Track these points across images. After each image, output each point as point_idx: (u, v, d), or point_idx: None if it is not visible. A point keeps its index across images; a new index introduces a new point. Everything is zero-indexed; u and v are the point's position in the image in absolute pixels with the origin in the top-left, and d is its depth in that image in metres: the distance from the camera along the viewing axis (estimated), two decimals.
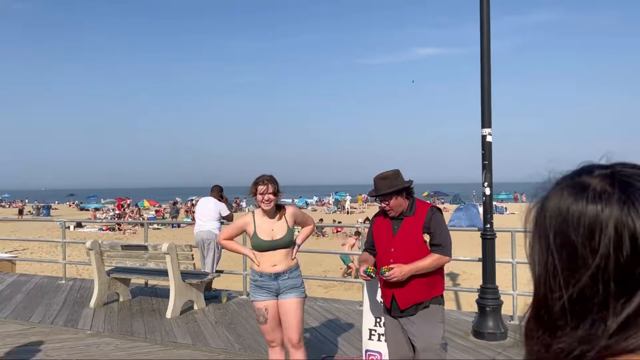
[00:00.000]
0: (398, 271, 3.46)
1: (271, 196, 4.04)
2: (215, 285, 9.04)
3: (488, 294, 6.07)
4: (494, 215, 6.32)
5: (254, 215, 4.21)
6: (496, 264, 6.19)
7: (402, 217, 3.66)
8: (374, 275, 3.58)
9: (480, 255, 6.31)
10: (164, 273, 7.78)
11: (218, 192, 8.52)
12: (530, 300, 0.80)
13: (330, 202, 52.90)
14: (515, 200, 59.64)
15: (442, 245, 3.56)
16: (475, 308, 7.67)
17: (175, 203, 48.36)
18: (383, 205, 3.65)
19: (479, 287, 6.23)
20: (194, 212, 39.41)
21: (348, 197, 50.14)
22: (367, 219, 17.18)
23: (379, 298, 4.32)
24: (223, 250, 8.45)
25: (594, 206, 0.70)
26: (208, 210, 8.26)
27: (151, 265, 7.83)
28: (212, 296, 8.29)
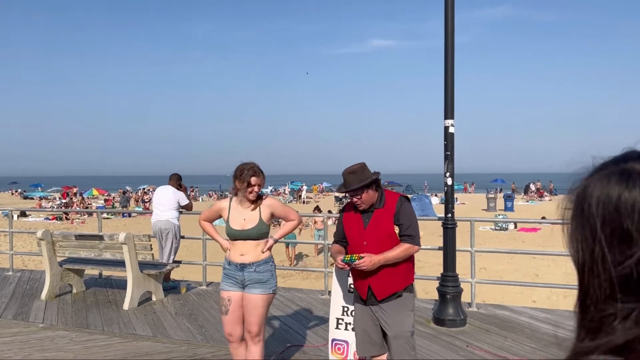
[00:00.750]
0: (368, 260, 3.50)
1: (259, 187, 4.00)
2: (174, 276, 8.85)
3: (449, 282, 6.20)
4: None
5: (230, 201, 4.11)
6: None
7: (372, 210, 3.67)
8: (350, 264, 3.57)
9: (435, 244, 6.44)
10: (120, 264, 7.55)
11: (177, 181, 8.31)
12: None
13: (286, 192, 52.76)
14: (465, 190, 61.21)
15: (411, 236, 3.61)
16: (432, 295, 7.85)
17: (125, 192, 47.04)
18: (355, 200, 3.64)
19: (440, 275, 6.35)
20: (145, 201, 38.23)
21: (304, 187, 50.09)
22: (317, 207, 17.27)
23: (348, 287, 4.35)
24: (181, 240, 8.29)
25: None
26: (167, 199, 8.04)
27: (107, 255, 7.57)
28: (170, 287, 8.12)
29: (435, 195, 41.94)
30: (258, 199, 4.08)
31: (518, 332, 5.79)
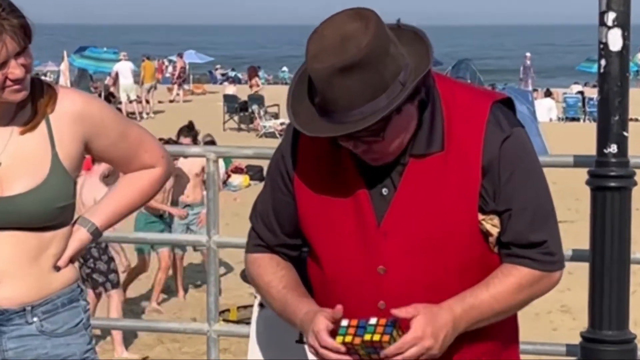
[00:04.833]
0: (428, 337, 2.12)
1: (26, 62, 2.46)
2: None
3: (609, 356, 4.59)
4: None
5: None
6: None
7: (405, 161, 2.23)
8: (362, 352, 2.15)
9: (575, 243, 5.01)
10: None
11: None
12: None
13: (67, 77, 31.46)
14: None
15: (541, 245, 2.16)
16: None
17: None
18: (360, 151, 2.16)
19: (581, 337, 4.65)
20: None
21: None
22: (208, 139, 13.19)
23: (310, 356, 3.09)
24: None
25: None
26: None
27: None
28: None
29: (550, 95, 35.71)
30: (37, 98, 2.60)
31: None
